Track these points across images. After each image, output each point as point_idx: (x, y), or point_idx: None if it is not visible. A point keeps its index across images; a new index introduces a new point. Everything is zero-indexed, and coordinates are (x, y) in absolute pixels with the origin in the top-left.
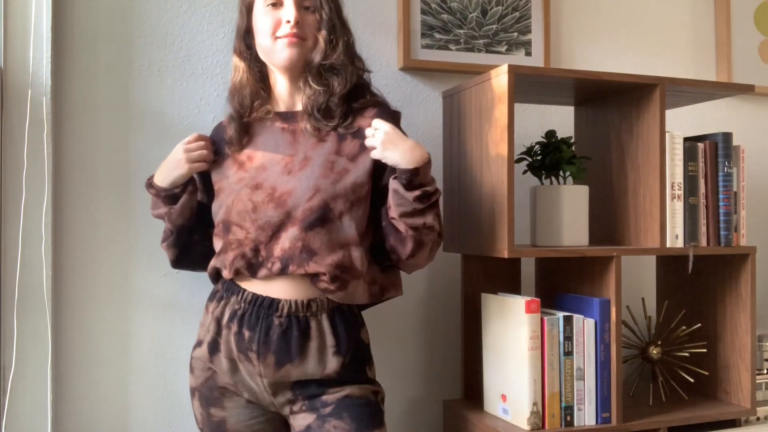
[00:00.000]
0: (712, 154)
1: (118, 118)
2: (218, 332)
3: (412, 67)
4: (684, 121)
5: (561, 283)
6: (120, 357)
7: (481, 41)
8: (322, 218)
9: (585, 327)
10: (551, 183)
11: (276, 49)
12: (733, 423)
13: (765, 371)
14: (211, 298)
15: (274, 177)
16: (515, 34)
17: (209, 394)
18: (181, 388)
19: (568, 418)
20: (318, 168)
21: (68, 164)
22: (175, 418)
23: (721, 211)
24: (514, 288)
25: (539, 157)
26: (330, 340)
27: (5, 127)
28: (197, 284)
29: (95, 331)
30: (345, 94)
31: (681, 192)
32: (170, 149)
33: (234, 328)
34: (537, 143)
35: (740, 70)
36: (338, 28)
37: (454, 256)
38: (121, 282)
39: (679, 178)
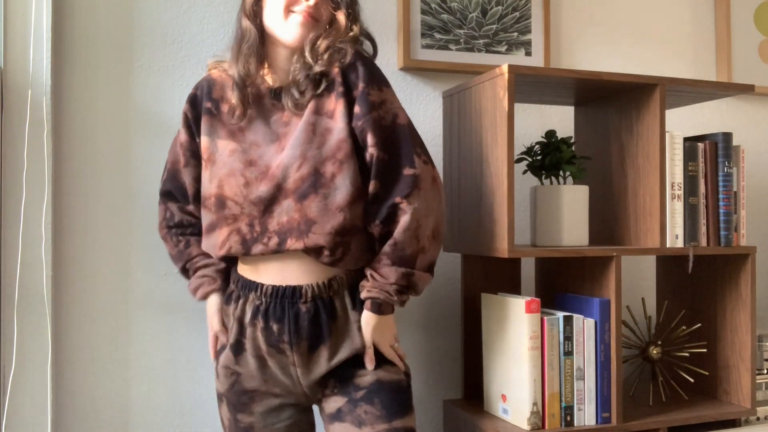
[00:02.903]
0: (712, 154)
1: (118, 118)
2: (241, 332)
3: (412, 67)
4: (684, 121)
5: (561, 283)
6: (120, 357)
7: (481, 41)
8: (314, 184)
9: (585, 327)
10: (551, 183)
11: (288, 24)
12: (733, 423)
13: (765, 371)
14: (227, 301)
15: (269, 155)
16: (515, 34)
17: (237, 400)
18: (180, 388)
19: (568, 418)
20: (302, 132)
21: (68, 164)
22: (175, 418)
23: (721, 211)
24: (514, 288)
25: (539, 157)
26: (353, 315)
27: (5, 127)
28: None
29: (95, 331)
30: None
31: (681, 192)
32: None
33: (260, 324)
34: (537, 143)
35: (740, 70)
36: (353, 15)
37: (454, 256)
38: (121, 282)
39: (679, 178)
